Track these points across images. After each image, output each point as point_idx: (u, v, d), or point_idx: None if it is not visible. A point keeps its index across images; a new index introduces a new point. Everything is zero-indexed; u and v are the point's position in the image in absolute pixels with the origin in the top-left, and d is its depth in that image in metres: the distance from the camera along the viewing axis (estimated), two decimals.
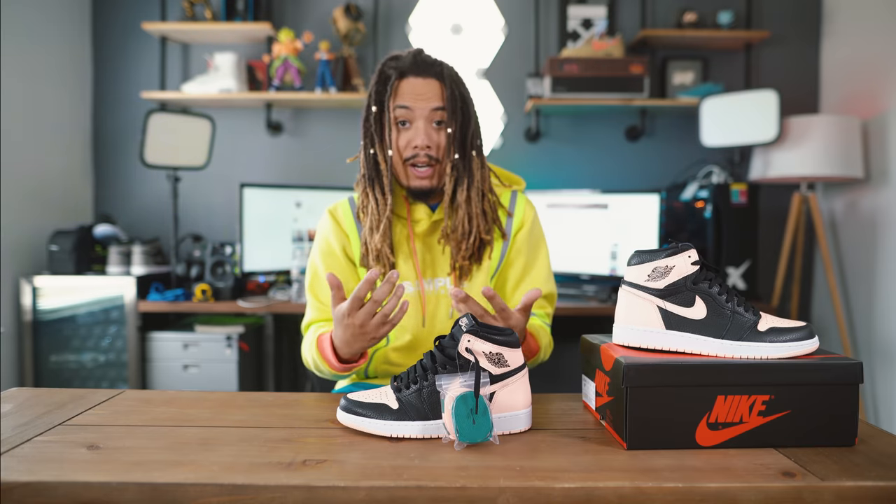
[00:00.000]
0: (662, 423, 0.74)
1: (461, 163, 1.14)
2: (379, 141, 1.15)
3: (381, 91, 1.14)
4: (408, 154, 1.13)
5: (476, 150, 1.17)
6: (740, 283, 2.43)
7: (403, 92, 1.12)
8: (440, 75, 1.13)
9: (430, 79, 1.12)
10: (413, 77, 1.12)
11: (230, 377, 2.42)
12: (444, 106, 1.12)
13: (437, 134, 1.13)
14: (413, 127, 1.12)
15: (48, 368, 2.45)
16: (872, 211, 2.48)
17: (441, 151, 1.13)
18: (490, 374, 0.78)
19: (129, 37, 2.86)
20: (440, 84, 1.13)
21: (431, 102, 1.11)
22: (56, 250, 2.44)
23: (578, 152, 2.91)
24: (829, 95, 2.81)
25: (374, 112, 1.14)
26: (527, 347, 1.07)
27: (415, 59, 1.14)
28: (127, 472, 0.66)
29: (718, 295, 0.79)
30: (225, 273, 2.45)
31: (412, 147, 1.12)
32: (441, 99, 1.12)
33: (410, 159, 1.13)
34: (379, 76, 1.15)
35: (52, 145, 2.64)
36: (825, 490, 0.64)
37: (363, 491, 0.64)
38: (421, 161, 1.12)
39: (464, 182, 1.15)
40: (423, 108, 1.11)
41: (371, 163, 1.16)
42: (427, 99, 1.11)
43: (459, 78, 1.16)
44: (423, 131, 1.11)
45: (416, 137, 1.11)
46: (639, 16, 2.85)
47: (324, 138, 2.91)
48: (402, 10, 2.88)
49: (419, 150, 1.12)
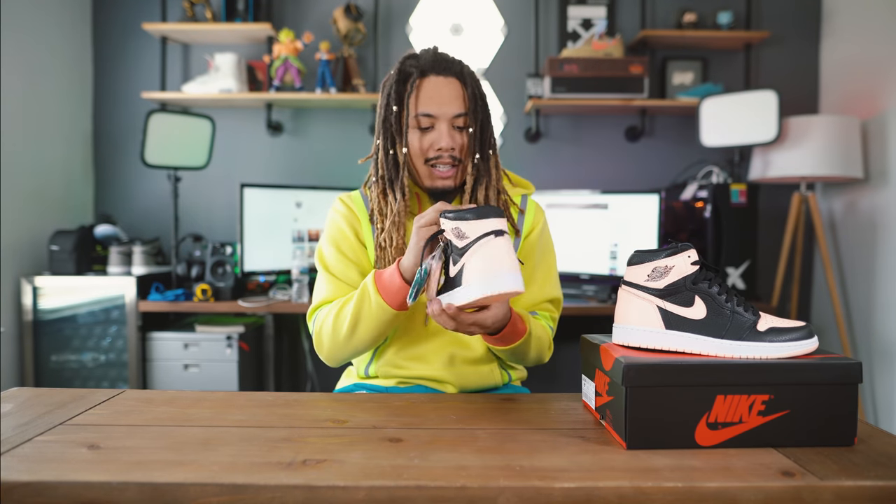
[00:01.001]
0: (662, 423, 0.75)
1: (482, 163, 1.15)
2: (399, 140, 1.14)
3: (401, 90, 1.13)
4: (431, 155, 1.12)
5: (492, 149, 1.18)
6: (740, 283, 2.43)
7: (425, 93, 1.11)
8: (461, 74, 1.14)
9: (451, 78, 1.13)
10: (434, 76, 1.12)
11: (230, 377, 2.43)
12: (466, 111, 1.12)
13: (460, 135, 1.13)
14: (436, 129, 1.12)
15: (49, 368, 2.45)
16: (872, 211, 2.48)
17: (464, 152, 1.14)
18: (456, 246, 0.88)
19: (130, 37, 2.86)
20: (461, 84, 1.13)
21: (454, 108, 1.11)
22: (56, 250, 2.44)
23: (578, 152, 2.91)
24: (828, 95, 2.81)
25: (395, 112, 1.13)
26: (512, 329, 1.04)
27: (435, 58, 1.14)
28: (127, 472, 0.66)
29: (718, 295, 0.79)
30: (225, 273, 2.45)
31: (435, 149, 1.12)
32: (462, 103, 1.12)
33: (432, 160, 1.13)
34: (399, 74, 1.14)
35: (52, 145, 2.64)
36: (824, 490, 0.64)
37: (363, 491, 0.64)
38: (445, 162, 1.12)
39: (483, 181, 1.15)
40: (447, 113, 1.11)
41: (391, 163, 1.15)
42: (449, 103, 1.11)
43: (477, 78, 1.16)
44: (447, 134, 1.11)
45: (440, 140, 1.11)
46: (638, 16, 2.85)
47: (324, 138, 2.91)
48: (402, 10, 2.88)
49: (443, 151, 1.12)
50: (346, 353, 1.12)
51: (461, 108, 1.12)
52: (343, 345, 1.09)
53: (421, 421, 0.86)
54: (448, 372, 1.16)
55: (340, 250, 1.17)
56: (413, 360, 1.17)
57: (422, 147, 1.12)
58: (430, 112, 1.11)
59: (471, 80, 1.14)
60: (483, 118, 1.15)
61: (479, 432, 0.80)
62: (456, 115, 1.12)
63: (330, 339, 1.10)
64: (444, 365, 1.16)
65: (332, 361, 1.15)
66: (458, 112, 1.12)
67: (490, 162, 1.17)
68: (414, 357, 1.17)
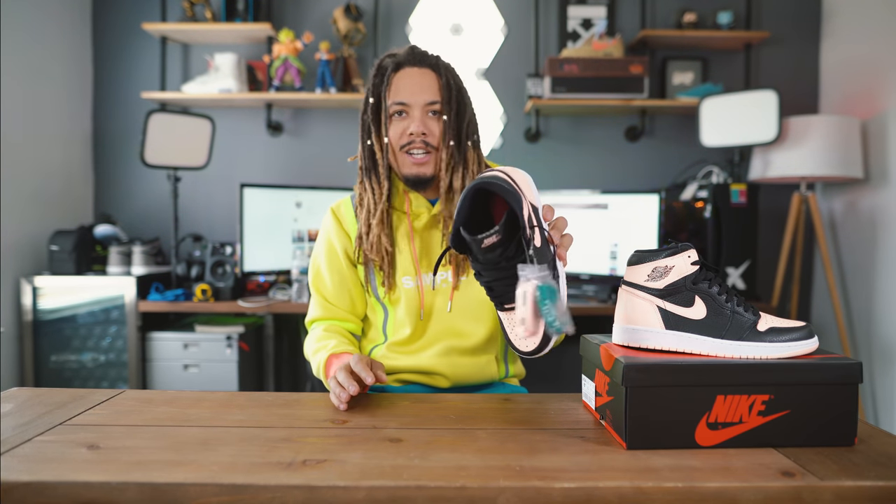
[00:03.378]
0: (662, 423, 0.74)
1: (456, 150, 1.17)
2: (375, 132, 1.17)
3: (378, 83, 1.17)
4: (403, 141, 1.15)
5: (472, 143, 1.19)
6: (740, 283, 2.43)
7: (400, 83, 1.15)
8: (435, 66, 1.17)
9: (426, 69, 1.16)
10: (409, 67, 1.16)
11: (230, 377, 2.42)
12: (440, 98, 1.15)
13: (434, 122, 1.16)
14: (409, 116, 1.15)
15: (48, 368, 2.45)
16: (872, 211, 2.48)
17: (436, 139, 1.16)
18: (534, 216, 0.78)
19: (130, 37, 2.86)
20: (435, 75, 1.16)
21: (427, 96, 1.14)
22: (56, 250, 2.44)
23: (578, 152, 2.91)
24: (828, 96, 2.81)
25: (371, 104, 1.17)
26: None
27: (411, 51, 1.17)
28: (127, 472, 0.66)
29: (718, 295, 0.79)
30: (225, 273, 2.45)
31: (408, 134, 1.14)
32: (436, 91, 1.15)
33: (406, 146, 1.15)
34: (377, 70, 1.18)
35: (53, 145, 2.64)
36: (824, 490, 0.64)
37: (363, 491, 0.64)
38: (417, 147, 1.14)
39: (459, 169, 1.17)
40: (419, 100, 1.14)
41: (368, 153, 1.19)
42: (422, 91, 1.14)
43: (454, 70, 1.19)
44: (419, 119, 1.14)
45: (411, 125, 1.14)
46: (638, 16, 2.85)
47: (324, 138, 2.91)
48: (402, 10, 2.88)
49: (415, 136, 1.14)
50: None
51: (435, 97, 1.15)
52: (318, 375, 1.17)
53: (421, 421, 0.86)
54: (442, 363, 1.16)
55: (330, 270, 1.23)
56: (408, 354, 1.18)
57: (396, 134, 1.16)
58: (403, 100, 1.14)
59: (446, 70, 1.17)
60: (458, 107, 1.17)
61: (479, 432, 0.80)
62: (429, 103, 1.15)
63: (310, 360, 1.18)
64: (438, 355, 1.16)
65: None
66: (431, 100, 1.15)
67: (468, 153, 1.18)
68: (409, 351, 1.18)
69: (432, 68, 1.16)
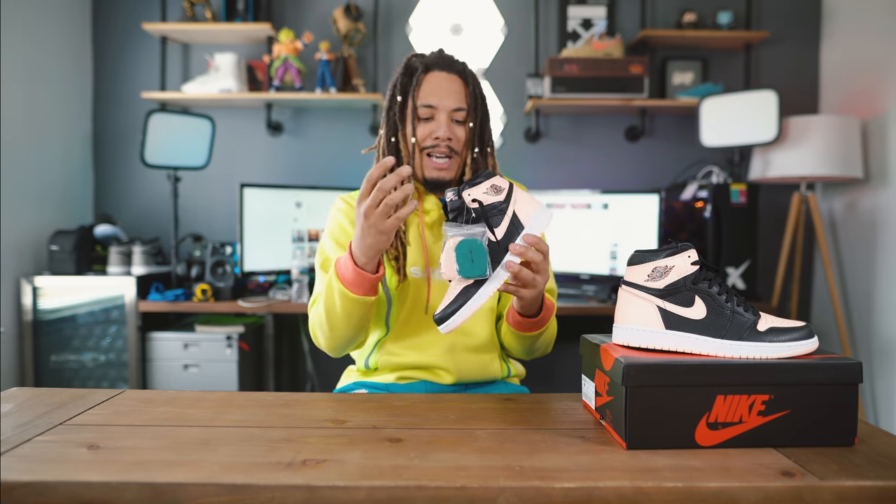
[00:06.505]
0: (662, 423, 0.74)
1: (480, 158, 1.20)
2: (402, 129, 1.18)
3: (406, 83, 1.18)
4: (428, 143, 1.16)
5: (490, 148, 1.23)
6: (740, 283, 2.43)
7: (428, 86, 1.17)
8: (463, 73, 1.20)
9: (454, 74, 1.19)
10: (438, 71, 1.18)
11: (230, 377, 2.42)
12: (466, 105, 1.17)
13: (459, 128, 1.18)
14: (435, 120, 1.17)
15: (48, 368, 2.45)
16: (872, 211, 2.48)
17: (461, 145, 1.18)
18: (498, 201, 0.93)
19: (130, 37, 2.86)
20: (462, 82, 1.19)
21: (454, 101, 1.17)
22: (56, 250, 2.44)
23: (578, 152, 2.91)
24: (828, 96, 2.81)
25: (399, 102, 1.18)
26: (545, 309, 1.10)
27: (440, 55, 1.20)
28: (127, 472, 0.66)
29: (718, 295, 0.79)
30: (225, 273, 2.45)
31: (433, 137, 1.16)
32: (463, 98, 1.18)
33: (429, 149, 1.17)
34: (405, 69, 1.20)
35: (52, 145, 2.64)
36: (824, 490, 0.64)
37: (363, 491, 0.64)
38: (440, 152, 1.16)
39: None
40: (447, 105, 1.16)
41: (392, 150, 1.19)
42: (450, 96, 1.16)
43: (477, 79, 1.22)
44: (445, 124, 1.16)
45: (438, 129, 1.16)
46: (638, 16, 2.85)
47: (324, 138, 2.91)
48: (402, 10, 2.88)
49: (440, 140, 1.16)
50: (339, 343, 1.12)
51: (461, 103, 1.17)
52: (332, 336, 1.10)
53: (421, 421, 0.86)
54: (447, 359, 1.17)
55: (340, 244, 1.19)
56: (413, 349, 1.18)
57: (420, 136, 1.17)
58: (431, 103, 1.16)
59: (472, 79, 1.20)
60: (482, 117, 1.20)
61: (479, 432, 0.80)
62: (455, 109, 1.17)
63: (321, 331, 1.12)
64: (444, 352, 1.17)
65: (332, 352, 1.16)
66: (457, 106, 1.17)
67: (488, 160, 1.22)
68: (414, 346, 1.18)
69: (460, 75, 1.19)
